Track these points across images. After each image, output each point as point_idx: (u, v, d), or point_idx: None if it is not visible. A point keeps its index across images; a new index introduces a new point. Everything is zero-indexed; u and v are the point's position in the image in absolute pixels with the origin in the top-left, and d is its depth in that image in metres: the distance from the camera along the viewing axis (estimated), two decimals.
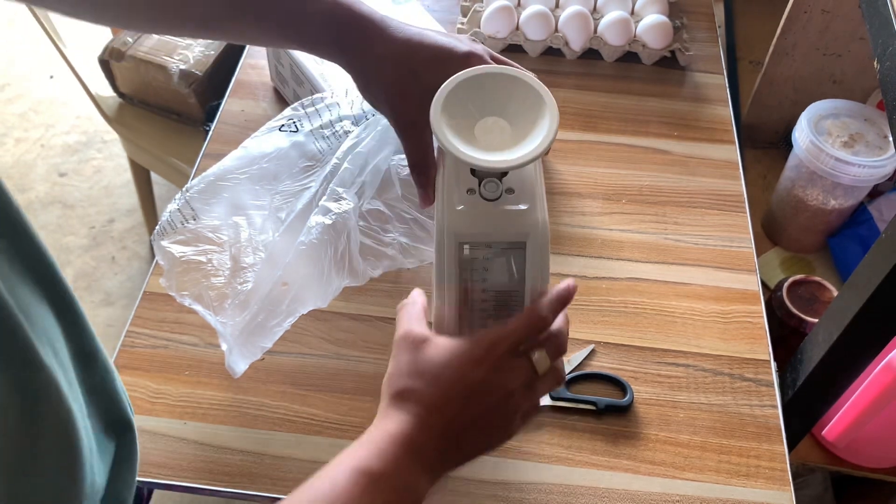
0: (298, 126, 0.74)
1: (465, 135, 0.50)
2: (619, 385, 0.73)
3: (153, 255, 0.72)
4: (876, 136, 1.02)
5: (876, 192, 1.11)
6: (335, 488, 0.44)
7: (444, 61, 0.58)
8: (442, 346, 0.50)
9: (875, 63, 0.65)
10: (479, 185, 0.51)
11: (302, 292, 0.68)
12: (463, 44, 0.61)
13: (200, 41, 1.43)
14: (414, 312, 0.53)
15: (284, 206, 0.71)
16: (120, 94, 1.52)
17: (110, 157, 2.03)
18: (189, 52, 1.41)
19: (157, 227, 0.71)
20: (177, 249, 0.69)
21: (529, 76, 0.52)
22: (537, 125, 0.50)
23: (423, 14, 0.95)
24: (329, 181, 0.70)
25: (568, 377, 0.73)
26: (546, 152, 0.50)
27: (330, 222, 0.67)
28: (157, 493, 0.74)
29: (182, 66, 1.38)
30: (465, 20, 1.08)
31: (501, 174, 0.52)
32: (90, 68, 1.47)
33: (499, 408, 0.50)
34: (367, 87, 0.62)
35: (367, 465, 0.45)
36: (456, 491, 0.67)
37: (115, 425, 0.55)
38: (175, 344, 0.76)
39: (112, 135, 2.02)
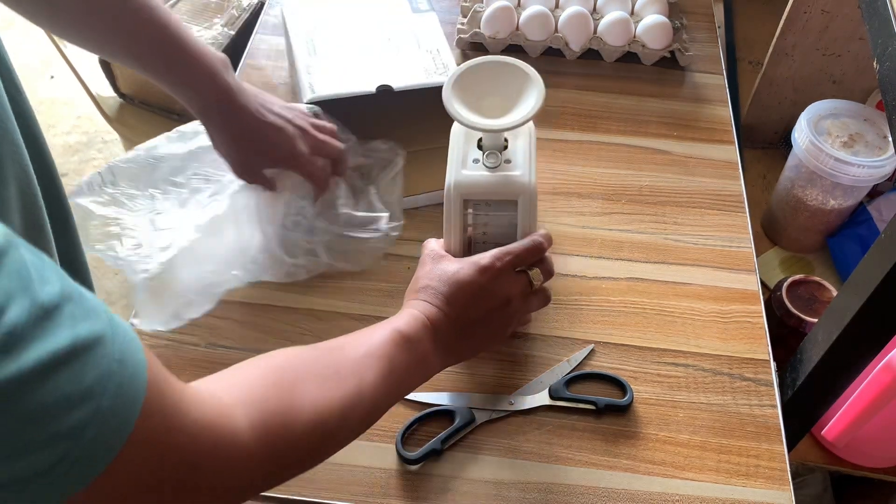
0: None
1: (472, 109, 0.64)
2: (618, 385, 0.74)
3: None
4: (875, 136, 1.03)
5: (875, 193, 1.11)
6: (373, 337, 0.56)
7: (277, 141, 0.72)
8: (456, 259, 0.63)
9: (874, 63, 0.65)
10: (483, 156, 0.66)
11: (227, 255, 0.73)
12: (292, 129, 0.72)
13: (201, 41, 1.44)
14: (436, 241, 0.68)
15: (204, 188, 0.77)
16: (120, 95, 1.52)
17: (111, 157, 2.02)
18: None
19: (75, 187, 0.74)
20: (95, 207, 0.74)
21: (520, 62, 0.65)
22: (527, 99, 0.63)
23: (436, 28, 0.92)
24: None
25: (568, 377, 0.73)
26: (532, 118, 0.62)
27: (248, 187, 0.74)
28: None
29: None
30: (465, 20, 1.08)
31: (502, 148, 0.66)
32: (91, 68, 1.47)
33: (499, 310, 0.62)
34: (218, 148, 0.73)
35: (401, 328, 0.57)
36: (456, 490, 0.67)
37: None
38: (175, 344, 0.76)
39: (113, 135, 2.02)
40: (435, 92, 0.65)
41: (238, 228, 0.73)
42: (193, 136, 0.79)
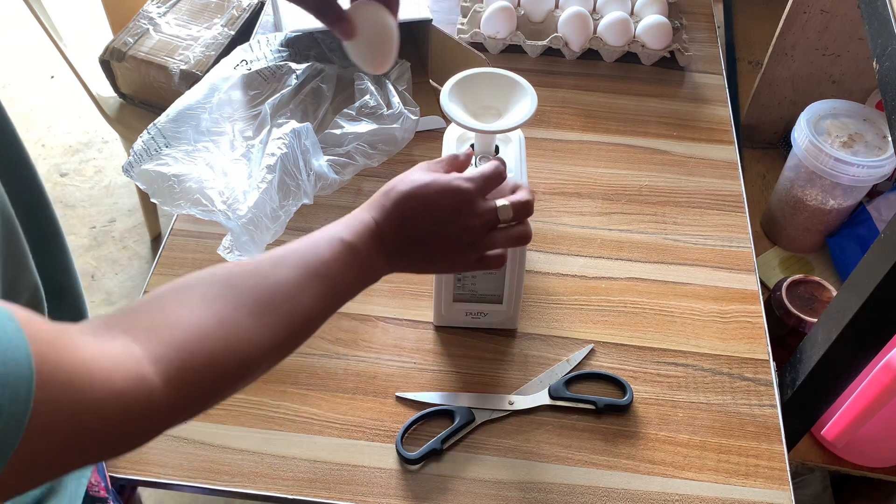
0: (249, 67, 0.91)
1: (468, 113, 0.66)
2: (618, 385, 0.74)
3: (154, 255, 0.72)
4: (875, 136, 1.03)
5: (875, 192, 1.11)
6: (317, 247, 0.54)
7: None
8: (434, 173, 0.59)
9: (874, 63, 0.65)
10: (476, 160, 0.68)
11: (290, 186, 0.80)
12: None
13: (201, 41, 1.43)
14: (434, 161, 0.62)
15: (247, 129, 0.85)
16: (121, 95, 1.52)
17: (111, 157, 2.03)
18: (190, 53, 1.41)
19: (131, 158, 0.79)
20: (165, 169, 0.78)
21: (515, 75, 0.68)
22: (520, 107, 0.66)
23: None
24: (277, 102, 0.87)
25: (567, 377, 0.74)
26: (524, 124, 0.65)
27: (289, 130, 0.80)
28: (157, 492, 0.74)
29: (183, 67, 1.38)
30: (465, 20, 1.08)
31: (493, 153, 0.69)
32: (91, 68, 1.47)
33: (454, 236, 0.58)
34: None
35: (343, 237, 0.55)
36: (456, 490, 0.67)
37: None
38: None
39: (113, 135, 2.02)
40: (405, 28, 0.68)
41: (294, 163, 0.80)
42: (223, 82, 0.87)
